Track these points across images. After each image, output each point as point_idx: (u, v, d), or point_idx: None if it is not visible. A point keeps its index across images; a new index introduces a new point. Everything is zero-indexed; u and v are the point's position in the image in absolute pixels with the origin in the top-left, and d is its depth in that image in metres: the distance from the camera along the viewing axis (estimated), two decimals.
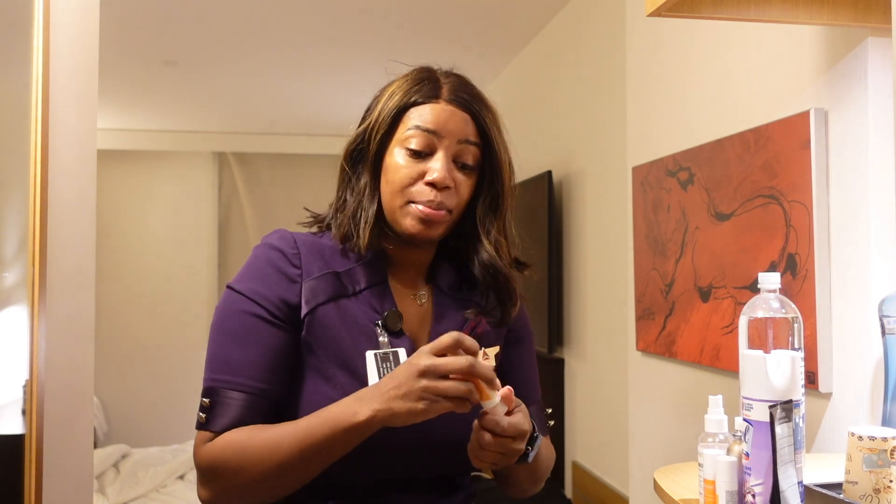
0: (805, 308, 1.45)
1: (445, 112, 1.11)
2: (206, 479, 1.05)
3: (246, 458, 1.01)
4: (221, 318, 1.09)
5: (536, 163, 3.58)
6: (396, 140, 1.12)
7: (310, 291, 1.09)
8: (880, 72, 1.37)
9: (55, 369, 1.56)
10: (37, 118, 1.52)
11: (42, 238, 1.51)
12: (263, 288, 1.08)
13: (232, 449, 1.02)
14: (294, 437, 1.00)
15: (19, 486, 1.49)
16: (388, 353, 1.09)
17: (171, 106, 5.21)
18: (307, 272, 1.10)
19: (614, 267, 2.75)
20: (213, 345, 1.08)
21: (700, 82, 1.95)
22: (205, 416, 1.05)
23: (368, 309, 1.12)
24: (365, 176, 1.14)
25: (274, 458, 1.00)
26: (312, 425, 1.00)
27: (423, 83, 1.14)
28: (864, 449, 0.98)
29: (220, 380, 1.05)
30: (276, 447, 1.00)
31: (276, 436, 1.01)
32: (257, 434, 1.03)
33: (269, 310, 1.07)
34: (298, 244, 1.12)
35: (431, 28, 3.57)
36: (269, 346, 1.07)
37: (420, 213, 1.09)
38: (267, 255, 1.11)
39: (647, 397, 2.25)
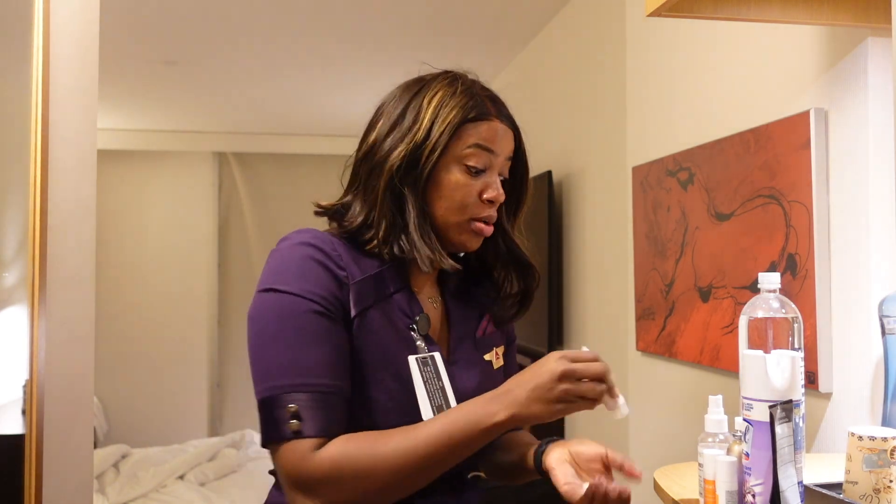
0: (805, 308, 1.45)
1: (500, 130, 1.15)
2: (321, 487, 0.99)
3: (378, 461, 0.99)
4: (278, 322, 1.03)
5: (536, 163, 3.56)
6: (453, 157, 1.12)
7: (357, 294, 1.07)
8: (880, 72, 1.37)
9: (55, 369, 1.56)
10: (37, 118, 1.52)
11: (42, 238, 1.51)
12: (317, 287, 1.04)
13: (359, 452, 0.99)
14: (429, 438, 0.99)
15: (19, 486, 1.49)
16: (426, 358, 1.10)
17: (171, 106, 5.21)
18: (351, 274, 1.08)
19: (614, 267, 2.75)
20: (274, 351, 1.03)
21: (700, 82, 1.95)
22: (296, 423, 0.99)
23: (401, 313, 1.12)
24: (417, 192, 1.12)
25: (410, 460, 0.99)
26: (449, 426, 0.99)
27: (472, 97, 1.14)
28: (864, 449, 0.98)
29: (301, 384, 1.01)
30: (411, 449, 0.99)
31: (406, 438, 1.00)
32: (381, 438, 1.01)
33: (328, 308, 1.04)
34: (336, 245, 1.09)
35: (431, 28, 3.57)
36: (337, 344, 1.04)
37: (481, 229, 1.13)
38: (309, 254, 1.06)
39: (647, 397, 2.25)
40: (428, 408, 1.07)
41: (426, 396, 1.08)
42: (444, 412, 1.03)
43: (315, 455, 0.99)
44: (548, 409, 0.98)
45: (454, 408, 1.03)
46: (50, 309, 1.53)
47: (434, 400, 1.08)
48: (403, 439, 1.00)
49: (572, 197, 3.25)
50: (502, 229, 1.21)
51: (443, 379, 1.11)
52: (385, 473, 0.98)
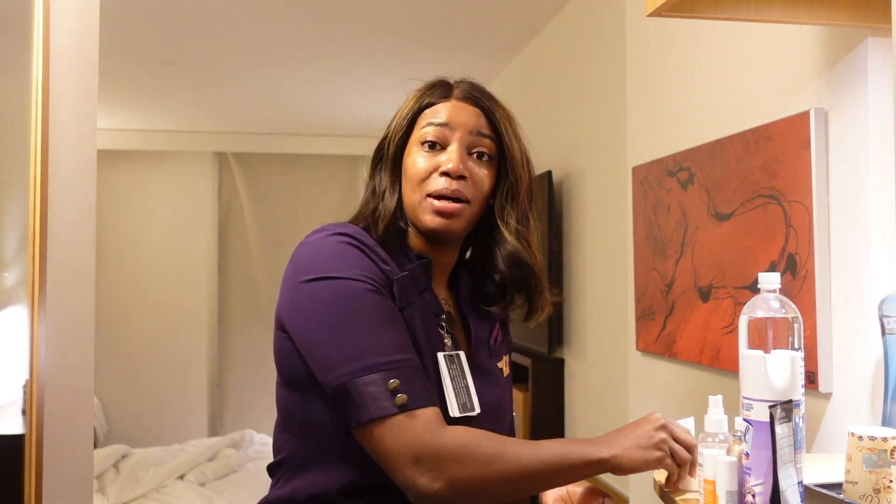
0: (805, 308, 1.45)
1: (456, 107, 1.16)
2: (449, 462, 0.99)
3: (505, 455, 1.01)
4: (346, 306, 1.03)
5: (536, 163, 3.57)
6: (413, 141, 1.17)
7: (400, 289, 1.10)
8: (880, 72, 1.37)
9: (55, 369, 1.56)
10: (37, 118, 1.52)
11: (42, 238, 1.51)
12: (368, 272, 1.06)
13: (489, 442, 1.02)
14: (548, 451, 1.03)
15: (19, 486, 1.49)
16: (453, 356, 1.13)
17: (170, 106, 5.21)
18: (393, 270, 1.10)
19: (614, 267, 2.75)
20: (346, 334, 1.02)
21: (700, 82, 1.95)
22: (403, 396, 0.99)
23: (429, 312, 1.15)
24: (385, 178, 1.18)
25: (531, 464, 1.01)
26: (564, 448, 1.03)
27: (435, 88, 1.19)
28: (864, 449, 0.98)
29: (392, 360, 1.01)
30: (533, 455, 1.02)
31: (528, 445, 1.03)
32: (508, 439, 1.05)
33: (383, 289, 1.06)
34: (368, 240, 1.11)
35: (431, 29, 3.57)
36: (401, 321, 1.07)
37: (437, 206, 1.12)
38: (349, 242, 1.08)
39: (647, 397, 2.25)
40: (455, 404, 1.09)
41: (453, 393, 1.10)
42: (561, 440, 1.07)
43: (447, 430, 1.01)
44: (646, 455, 1.03)
45: (565, 439, 1.08)
46: (50, 309, 1.53)
47: (460, 398, 1.10)
48: (526, 445, 1.04)
49: (572, 197, 3.25)
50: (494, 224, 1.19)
51: (467, 378, 1.13)
52: (508, 468, 1.00)
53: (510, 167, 1.19)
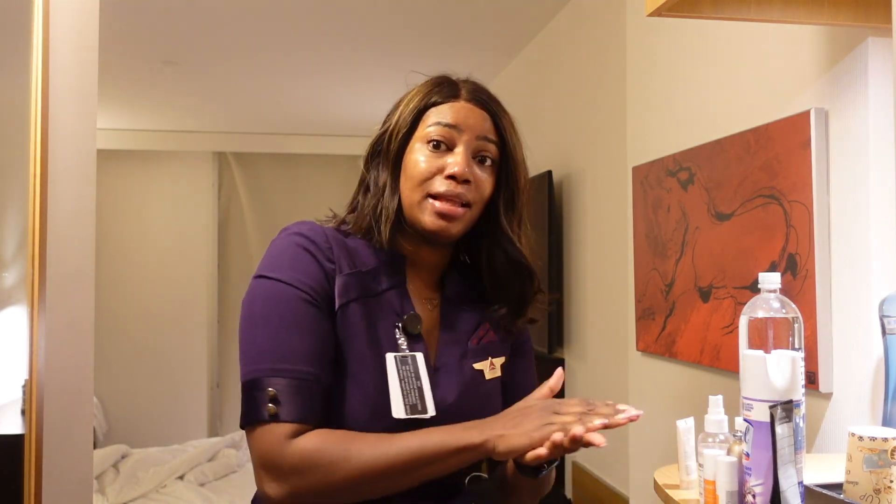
0: (805, 308, 1.45)
1: (465, 109, 1.15)
2: (291, 474, 1.00)
3: (350, 459, 1.00)
4: (266, 308, 1.07)
5: (536, 163, 3.58)
6: (416, 138, 1.15)
7: (342, 287, 1.09)
8: (881, 72, 1.37)
9: (55, 369, 1.55)
10: (37, 118, 1.52)
11: (42, 238, 1.51)
12: (305, 277, 1.07)
13: (334, 447, 1.01)
14: (402, 447, 1.00)
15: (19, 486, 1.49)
16: (406, 357, 1.10)
17: (170, 106, 5.21)
18: (339, 267, 1.10)
19: (614, 267, 2.75)
20: (260, 336, 1.06)
21: (700, 82, 1.95)
22: (273, 406, 1.01)
23: (389, 311, 1.13)
24: (384, 174, 1.16)
25: (380, 464, 1.00)
26: (424, 439, 1.01)
27: (441, 86, 1.18)
28: (864, 449, 0.98)
29: (283, 369, 1.03)
30: (383, 454, 1.00)
31: (381, 443, 1.01)
32: (358, 438, 1.02)
33: (315, 298, 1.07)
34: (329, 238, 1.13)
35: (432, 28, 3.57)
36: (321, 333, 1.06)
37: (439, 208, 1.11)
38: (301, 243, 1.10)
39: (647, 397, 2.25)
40: (400, 406, 1.07)
41: (400, 395, 1.07)
42: (426, 430, 1.03)
43: (291, 442, 1.01)
44: (521, 435, 0.99)
45: (439, 427, 1.03)
46: (50, 309, 1.53)
47: (408, 399, 1.08)
48: (379, 443, 1.01)
49: (572, 197, 3.25)
50: (498, 228, 1.19)
51: (422, 380, 1.10)
52: (353, 472, 0.99)
53: (512, 174, 1.19)
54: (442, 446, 1.00)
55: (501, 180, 1.18)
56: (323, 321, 1.07)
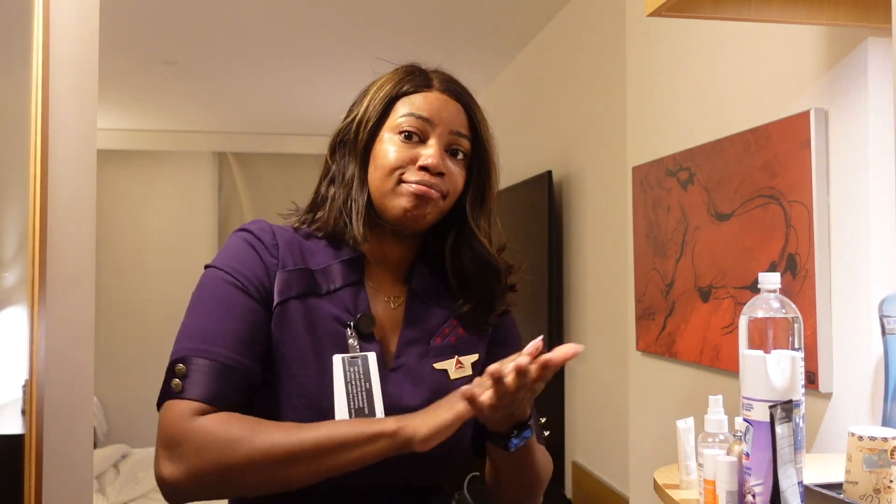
0: (805, 308, 1.45)
1: (439, 100, 1.12)
2: (187, 451, 0.95)
3: (252, 442, 0.95)
4: (199, 293, 1.06)
5: (536, 163, 3.58)
6: (387, 128, 1.12)
7: (283, 283, 1.06)
8: (880, 72, 1.37)
9: (55, 369, 1.56)
10: (37, 118, 1.52)
11: (42, 238, 1.51)
12: (243, 267, 1.06)
13: (238, 429, 0.96)
14: (313, 431, 0.96)
15: (19, 487, 1.49)
16: (356, 357, 1.06)
17: (171, 106, 5.21)
18: (282, 264, 1.08)
19: (614, 267, 2.75)
20: (189, 318, 1.05)
21: (700, 82, 1.95)
22: (179, 382, 0.99)
23: (341, 310, 1.09)
24: (352, 166, 1.13)
25: (283, 450, 0.95)
26: (335, 428, 0.97)
27: (412, 74, 1.15)
28: (864, 449, 0.98)
29: (198, 349, 1.00)
30: (292, 441, 0.95)
31: (291, 430, 0.97)
32: (268, 424, 0.98)
33: (247, 286, 1.05)
34: (276, 235, 1.11)
35: (432, 29, 3.57)
36: (250, 320, 1.03)
37: (414, 189, 1.07)
38: (246, 239, 1.09)
39: (647, 397, 2.25)
40: (344, 409, 1.03)
41: (345, 397, 1.03)
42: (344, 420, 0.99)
43: (193, 419, 0.97)
44: (441, 416, 0.94)
45: (351, 419, 1.00)
46: (50, 309, 1.53)
47: (354, 402, 1.03)
48: (287, 428, 0.97)
49: (572, 197, 3.25)
50: (465, 225, 1.15)
51: (371, 382, 1.05)
52: (254, 452, 0.94)
53: (482, 169, 1.16)
54: (352, 433, 0.95)
55: (472, 175, 1.15)
56: (254, 310, 1.04)
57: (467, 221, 1.14)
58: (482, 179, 1.16)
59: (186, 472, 0.95)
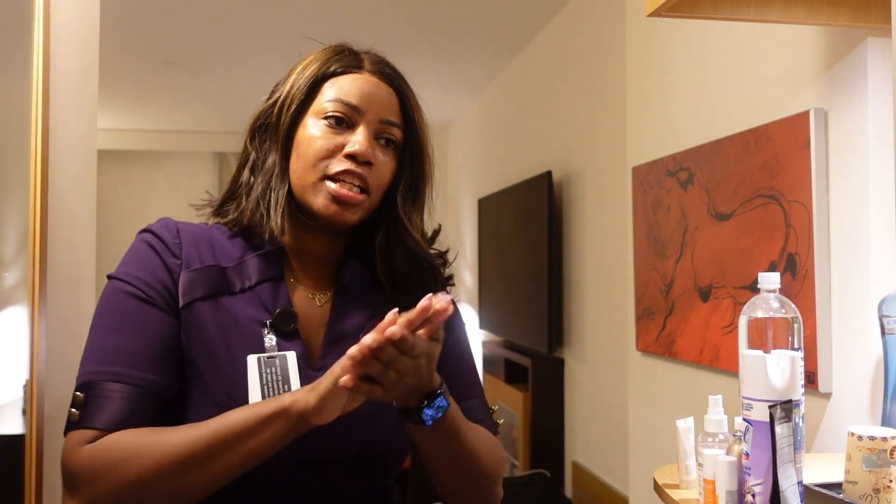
0: (805, 308, 1.45)
1: (369, 84, 1.03)
2: (81, 482, 0.88)
3: (145, 449, 0.87)
4: (100, 309, 0.98)
5: (536, 163, 3.58)
6: (312, 112, 1.03)
7: (187, 284, 0.98)
8: (880, 72, 1.37)
9: (55, 369, 1.56)
10: (37, 118, 1.52)
11: (42, 238, 1.51)
12: (144, 273, 0.98)
13: (126, 442, 0.88)
14: (204, 428, 0.89)
15: (19, 487, 1.49)
16: (273, 357, 0.97)
17: (170, 106, 5.22)
18: (186, 263, 1.00)
19: (614, 267, 2.75)
20: (91, 338, 0.96)
21: (700, 82, 1.95)
22: (78, 412, 0.91)
23: (257, 307, 1.00)
24: (273, 154, 1.05)
25: (180, 446, 0.87)
26: (230, 416, 0.89)
27: (341, 54, 1.06)
28: (863, 449, 0.98)
29: (98, 372, 0.92)
30: (182, 438, 0.88)
31: (181, 428, 0.90)
32: (159, 429, 0.91)
33: (150, 295, 0.97)
34: (181, 233, 1.03)
35: (432, 29, 3.57)
36: (154, 332, 0.95)
37: (335, 191, 0.99)
38: (147, 240, 1.02)
39: (647, 397, 2.25)
40: None
41: (261, 400, 0.95)
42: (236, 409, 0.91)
43: (84, 447, 0.89)
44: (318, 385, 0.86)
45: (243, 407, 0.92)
46: (50, 309, 1.53)
47: None
48: (180, 431, 0.90)
49: (572, 197, 3.24)
50: (396, 219, 1.06)
51: (290, 383, 0.97)
52: (149, 465, 0.87)
53: (416, 160, 1.07)
54: (248, 418, 0.88)
55: (403, 165, 1.07)
56: (159, 321, 0.96)
57: (398, 216, 1.06)
58: (415, 170, 1.07)
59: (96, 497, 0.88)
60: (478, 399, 1.11)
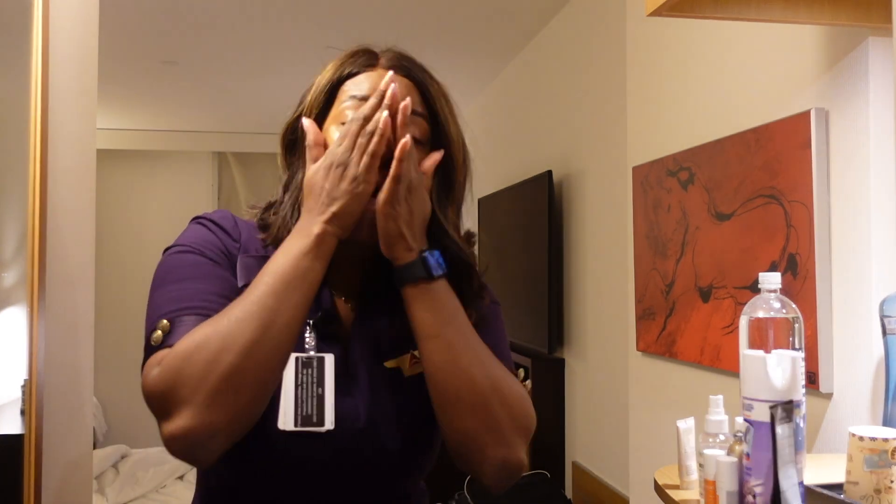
0: (806, 308, 1.45)
1: (383, 78, 0.98)
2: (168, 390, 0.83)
3: (218, 328, 0.85)
4: (160, 271, 0.97)
5: (536, 163, 3.58)
6: (331, 119, 1.01)
7: (244, 268, 0.98)
8: (881, 71, 1.37)
9: (54, 369, 1.55)
10: (36, 118, 1.52)
11: (41, 238, 1.51)
12: (205, 243, 0.99)
13: (199, 332, 0.85)
14: (259, 286, 0.88)
15: (18, 487, 1.49)
16: (311, 359, 0.96)
17: (170, 106, 5.21)
18: (244, 248, 1.00)
19: (614, 267, 2.75)
20: (153, 296, 0.95)
21: (700, 82, 1.95)
22: (160, 334, 0.88)
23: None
24: (302, 169, 1.03)
25: (248, 310, 0.85)
26: (274, 267, 0.89)
27: (356, 55, 1.05)
28: (864, 449, 0.98)
29: (178, 308, 0.91)
30: (247, 300, 0.87)
31: (237, 301, 0.88)
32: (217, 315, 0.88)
33: (217, 259, 0.97)
34: (238, 224, 1.04)
35: (431, 29, 3.56)
36: (220, 278, 0.95)
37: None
38: (204, 223, 1.03)
39: (647, 397, 2.24)
40: (291, 415, 0.93)
41: (292, 403, 0.93)
42: (266, 265, 0.91)
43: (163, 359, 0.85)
44: (345, 199, 0.90)
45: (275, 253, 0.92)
46: (49, 309, 1.53)
47: (302, 409, 0.94)
48: (238, 300, 0.88)
49: (572, 197, 3.24)
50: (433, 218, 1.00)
51: (325, 387, 0.95)
52: (230, 335, 0.84)
53: (447, 152, 1.00)
54: (296, 255, 0.89)
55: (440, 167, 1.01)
56: (223, 272, 0.96)
57: (434, 213, 0.99)
58: (447, 164, 1.01)
59: (188, 397, 0.83)
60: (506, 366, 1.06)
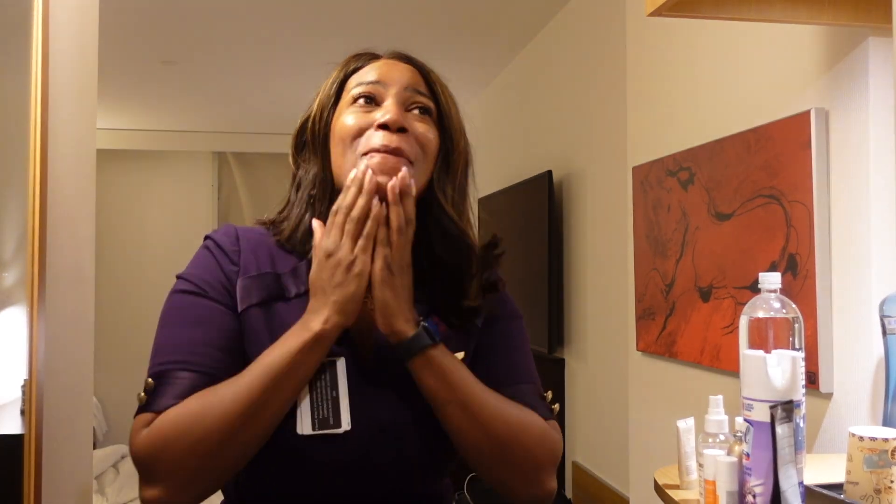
0: (806, 308, 1.45)
1: (387, 65, 1.05)
2: (151, 463, 0.90)
3: (205, 413, 0.90)
4: (166, 307, 1.03)
5: (536, 163, 3.58)
6: (340, 110, 1.04)
7: (243, 290, 1.01)
8: (881, 71, 1.37)
9: (54, 369, 1.55)
10: (36, 118, 1.52)
11: (41, 238, 1.51)
12: (205, 274, 1.02)
13: (182, 413, 0.91)
14: (253, 369, 0.92)
15: (18, 487, 1.49)
16: (323, 364, 0.97)
17: (170, 105, 5.21)
18: (244, 269, 1.02)
19: (614, 267, 2.75)
20: (158, 335, 1.00)
21: (700, 82, 1.95)
22: (144, 395, 0.94)
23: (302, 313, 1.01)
24: (315, 165, 1.05)
25: (237, 395, 0.90)
26: (271, 353, 0.93)
27: (360, 55, 1.10)
28: (864, 449, 0.98)
29: (169, 361, 0.96)
30: (237, 383, 0.92)
31: (227, 384, 0.93)
32: (202, 393, 0.93)
33: (216, 296, 1.00)
34: (241, 240, 1.06)
35: (431, 29, 3.56)
36: (222, 327, 0.99)
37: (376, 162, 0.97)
38: (207, 245, 1.06)
39: (647, 397, 2.24)
40: (308, 420, 0.95)
41: (309, 407, 0.96)
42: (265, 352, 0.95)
43: (144, 430, 0.92)
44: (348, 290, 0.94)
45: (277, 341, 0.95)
46: (49, 309, 1.53)
47: (318, 412, 0.96)
48: (233, 383, 0.92)
49: (572, 197, 3.24)
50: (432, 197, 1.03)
51: (339, 390, 0.97)
52: (213, 424, 0.89)
53: (446, 137, 1.05)
54: (290, 351, 0.93)
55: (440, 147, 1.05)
56: (221, 314, 0.99)
57: (433, 191, 1.03)
58: (446, 144, 1.05)
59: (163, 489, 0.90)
60: (529, 385, 1.07)
